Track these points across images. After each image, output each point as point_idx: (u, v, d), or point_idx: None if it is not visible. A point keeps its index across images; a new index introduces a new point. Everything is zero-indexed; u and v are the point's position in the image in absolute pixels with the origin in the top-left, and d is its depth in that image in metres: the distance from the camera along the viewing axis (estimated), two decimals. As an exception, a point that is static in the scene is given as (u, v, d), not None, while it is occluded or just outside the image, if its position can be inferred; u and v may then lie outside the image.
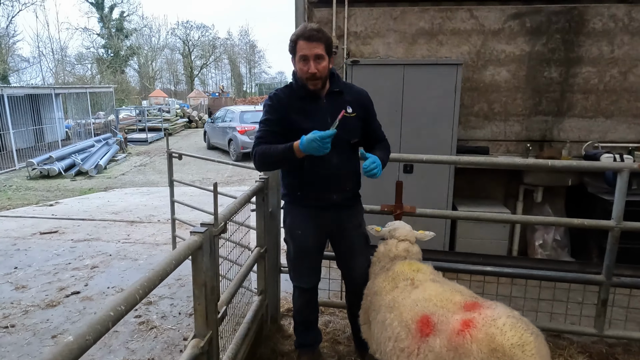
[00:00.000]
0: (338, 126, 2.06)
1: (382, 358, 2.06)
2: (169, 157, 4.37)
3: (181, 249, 1.60)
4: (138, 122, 21.24)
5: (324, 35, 2.19)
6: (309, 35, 2.15)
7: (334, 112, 2.18)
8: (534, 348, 1.56)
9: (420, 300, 1.89)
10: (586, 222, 2.69)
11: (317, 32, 2.16)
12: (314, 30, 2.17)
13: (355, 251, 2.49)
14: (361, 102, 2.38)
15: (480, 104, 4.70)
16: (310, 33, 2.16)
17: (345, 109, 2.26)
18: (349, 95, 2.36)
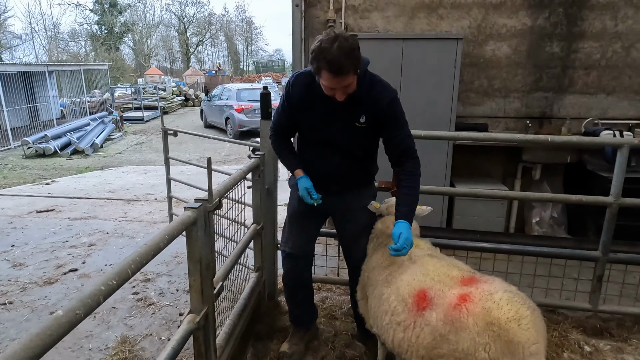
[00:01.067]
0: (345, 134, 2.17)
1: (378, 332, 2.08)
2: (164, 134, 4.31)
3: (174, 224, 1.58)
4: (134, 101, 20.98)
5: (354, 60, 1.87)
6: (337, 70, 1.86)
7: (346, 119, 2.12)
8: (530, 322, 1.56)
9: (418, 274, 1.88)
10: (584, 199, 2.68)
11: (347, 62, 1.84)
12: (342, 60, 1.83)
13: (360, 233, 2.42)
14: (377, 109, 2.10)
15: (479, 80, 4.63)
16: (339, 66, 1.84)
17: (359, 119, 2.13)
18: (367, 100, 2.09)
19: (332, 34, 1.88)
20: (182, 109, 23.50)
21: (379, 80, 2.13)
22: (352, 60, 1.86)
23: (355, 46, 1.88)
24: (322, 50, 1.85)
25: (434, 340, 1.72)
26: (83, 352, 2.81)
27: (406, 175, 2.14)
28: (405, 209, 2.11)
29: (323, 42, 1.87)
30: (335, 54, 1.83)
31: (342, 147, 2.22)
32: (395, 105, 2.11)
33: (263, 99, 3.03)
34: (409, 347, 1.82)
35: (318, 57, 1.88)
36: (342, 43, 1.84)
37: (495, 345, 1.56)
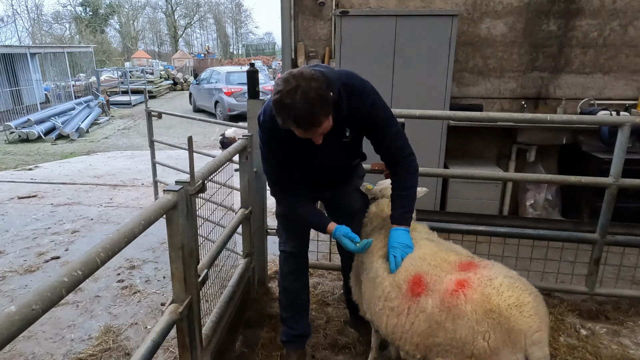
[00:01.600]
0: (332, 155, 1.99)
1: (371, 318, 1.99)
2: (148, 117, 4.13)
3: (152, 209, 1.45)
4: (120, 84, 20.50)
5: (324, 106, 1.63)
6: (307, 125, 1.64)
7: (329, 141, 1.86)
8: (532, 309, 1.47)
9: (415, 258, 1.78)
10: (583, 180, 2.60)
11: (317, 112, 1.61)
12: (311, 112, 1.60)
13: (354, 215, 2.29)
14: (359, 119, 1.90)
15: (474, 60, 4.50)
16: (308, 120, 1.62)
17: (344, 134, 1.95)
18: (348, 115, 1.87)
19: (291, 81, 1.61)
20: (170, 93, 23.05)
21: (352, 87, 1.85)
22: (322, 107, 1.62)
23: (322, 88, 1.61)
24: (284, 106, 1.61)
25: (430, 327, 1.64)
26: (64, 342, 2.70)
27: (399, 176, 1.99)
28: (398, 212, 1.96)
29: (283, 96, 1.60)
30: (300, 108, 1.58)
31: (330, 165, 2.07)
32: (376, 108, 1.89)
33: (250, 77, 2.88)
34: (402, 333, 1.74)
35: (282, 114, 1.64)
36: (306, 92, 1.58)
37: (495, 333, 1.47)
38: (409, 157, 1.97)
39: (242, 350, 2.58)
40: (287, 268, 2.37)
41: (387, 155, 2.00)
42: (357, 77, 1.90)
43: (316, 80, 1.62)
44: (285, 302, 2.42)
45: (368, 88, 1.89)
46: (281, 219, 2.34)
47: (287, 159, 1.98)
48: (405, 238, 1.89)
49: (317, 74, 1.65)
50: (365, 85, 1.88)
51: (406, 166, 1.96)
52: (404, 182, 1.97)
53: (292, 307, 2.41)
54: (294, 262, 2.36)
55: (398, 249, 1.86)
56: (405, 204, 1.96)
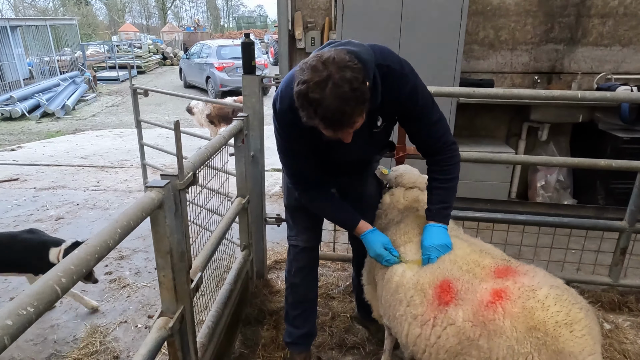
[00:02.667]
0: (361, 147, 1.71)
1: (389, 324, 1.77)
2: (133, 94, 3.80)
3: (131, 212, 1.19)
4: (108, 59, 19.76)
5: (359, 101, 1.34)
6: (338, 125, 1.37)
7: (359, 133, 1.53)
8: (585, 327, 1.24)
9: (444, 261, 1.55)
10: (614, 164, 2.36)
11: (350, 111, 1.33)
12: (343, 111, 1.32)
13: (368, 202, 2.06)
14: (394, 107, 1.64)
15: (485, 31, 4.19)
16: (339, 121, 1.35)
17: (375, 124, 1.68)
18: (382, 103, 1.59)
19: (320, 68, 1.31)
20: (160, 68, 22.33)
21: (387, 68, 1.55)
22: (357, 104, 1.34)
23: (359, 79, 1.32)
24: (310, 102, 1.32)
25: (460, 344, 1.41)
26: (47, 345, 2.48)
27: (440, 166, 1.72)
28: (437, 207, 1.71)
29: (310, 87, 1.31)
30: (331, 105, 1.30)
31: (356, 157, 1.82)
32: (416, 94, 1.60)
33: (245, 49, 2.57)
34: (427, 347, 1.52)
35: (307, 110, 1.35)
36: (339, 85, 1.29)
37: (540, 356, 1.25)
38: (452, 146, 1.70)
39: (241, 351, 2.38)
40: (297, 264, 2.13)
41: (425, 145, 1.74)
42: (392, 56, 1.58)
43: (351, 69, 1.32)
44: (292, 299, 2.19)
45: (406, 69, 1.59)
46: (291, 211, 2.09)
47: (308, 152, 1.70)
48: (443, 237, 1.64)
49: (352, 60, 1.34)
50: (403, 66, 1.58)
51: (449, 155, 1.70)
52: (446, 173, 1.71)
53: (300, 304, 2.19)
54: (305, 257, 2.13)
55: (434, 250, 1.61)
56: (445, 198, 1.71)
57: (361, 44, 1.50)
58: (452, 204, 1.74)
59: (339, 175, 1.93)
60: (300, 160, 1.74)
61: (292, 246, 2.14)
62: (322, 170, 1.80)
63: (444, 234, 1.65)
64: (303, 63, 1.37)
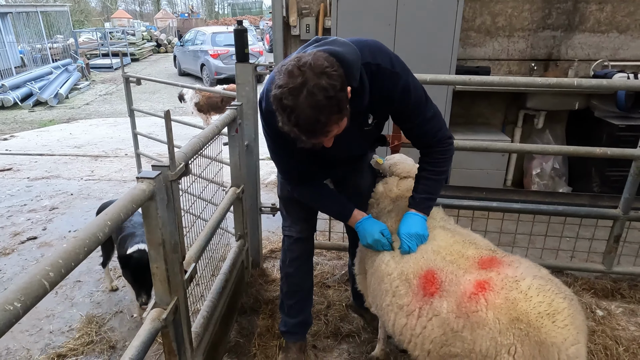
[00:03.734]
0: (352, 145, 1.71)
1: (377, 313, 1.78)
2: (126, 82, 3.75)
3: (121, 204, 1.17)
4: (100, 47, 19.48)
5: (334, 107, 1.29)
6: (313, 133, 1.32)
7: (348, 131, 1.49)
8: (567, 317, 1.24)
9: (427, 251, 1.55)
10: (609, 152, 2.35)
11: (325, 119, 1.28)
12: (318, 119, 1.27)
13: (364, 192, 2.05)
14: (386, 105, 1.60)
15: (482, 17, 4.14)
16: (313, 129, 1.30)
17: (366, 122, 1.66)
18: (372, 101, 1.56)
19: (295, 73, 1.26)
20: (154, 56, 22.03)
21: (377, 67, 1.50)
22: (332, 113, 1.28)
23: (335, 87, 1.26)
24: (284, 107, 1.28)
25: (444, 335, 1.41)
26: (42, 335, 2.47)
27: (432, 157, 1.71)
28: (421, 196, 1.70)
29: (284, 94, 1.27)
30: (302, 115, 1.26)
31: (353, 155, 1.84)
32: (409, 92, 1.55)
33: (238, 37, 2.53)
34: (412, 337, 1.52)
35: (281, 115, 1.31)
36: (313, 93, 1.24)
37: (523, 347, 1.24)
38: (448, 140, 1.68)
39: (237, 340, 2.39)
40: (292, 254, 2.13)
41: (421, 141, 1.72)
42: (382, 53, 1.53)
43: (328, 75, 1.27)
44: (287, 289, 2.19)
45: (397, 67, 1.54)
46: (284, 202, 2.07)
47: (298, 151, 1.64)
48: (421, 227, 1.65)
49: (332, 65, 1.29)
50: (393, 64, 1.53)
51: (443, 150, 1.68)
52: (437, 165, 1.70)
53: (295, 294, 2.19)
54: (299, 248, 2.12)
55: (408, 238, 1.62)
56: (432, 189, 1.70)
57: (347, 43, 1.44)
58: (437, 197, 1.74)
59: (332, 168, 1.92)
60: (290, 158, 1.72)
61: (286, 237, 2.13)
62: (315, 164, 1.78)
63: (422, 224, 1.66)
64: (282, 65, 1.33)
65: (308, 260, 2.19)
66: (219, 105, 6.55)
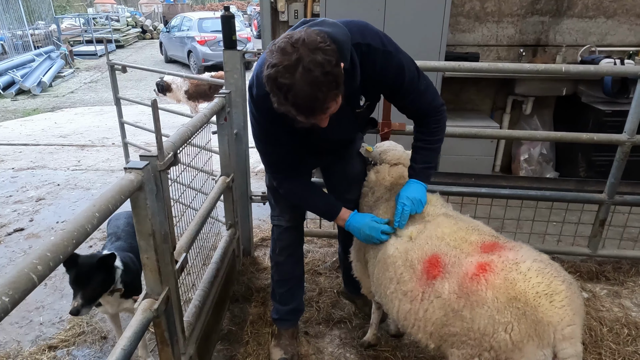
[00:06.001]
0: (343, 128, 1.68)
1: (381, 301, 1.80)
2: (111, 70, 3.68)
3: (110, 195, 1.15)
4: (84, 33, 19.02)
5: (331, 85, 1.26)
6: (310, 112, 1.29)
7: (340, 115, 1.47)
8: (565, 299, 1.27)
9: (432, 237, 1.56)
10: (596, 137, 2.39)
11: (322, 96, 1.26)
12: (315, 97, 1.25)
13: (353, 180, 2.04)
14: (379, 86, 1.60)
15: (471, 3, 4.12)
16: (311, 107, 1.28)
17: (357, 104, 1.63)
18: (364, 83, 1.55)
19: (289, 51, 1.23)
20: (139, 42, 21.59)
21: (367, 47, 1.48)
22: (330, 89, 1.26)
23: (331, 62, 1.25)
24: (280, 87, 1.25)
25: (445, 315, 1.44)
26: (32, 327, 2.46)
27: (427, 127, 1.73)
28: (420, 166, 1.73)
29: (279, 72, 1.23)
30: (301, 93, 1.23)
31: (338, 138, 1.79)
32: (402, 69, 1.53)
33: (225, 23, 2.49)
34: (415, 321, 1.55)
35: (277, 96, 1.28)
36: (310, 69, 1.22)
37: (520, 325, 1.27)
38: (441, 107, 1.71)
39: (229, 328, 2.40)
40: (281, 243, 2.13)
41: (415, 113, 1.73)
42: (372, 32, 1.52)
43: (323, 51, 1.24)
44: (278, 277, 2.20)
45: (389, 46, 1.52)
46: (272, 191, 2.06)
47: (288, 138, 1.65)
48: (420, 192, 1.68)
49: (325, 40, 1.27)
50: (384, 42, 1.52)
51: (438, 118, 1.70)
52: (433, 134, 1.72)
53: (287, 282, 2.20)
54: (288, 236, 2.12)
55: (409, 201, 1.64)
56: (429, 158, 1.74)
57: (336, 24, 1.43)
58: (435, 166, 1.77)
59: (322, 155, 1.91)
60: (280, 147, 1.68)
61: (275, 226, 2.13)
62: (304, 150, 1.77)
63: (423, 191, 1.69)
64: (272, 44, 1.30)
65: (298, 248, 2.19)
66: (208, 93, 6.46)
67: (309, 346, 2.26)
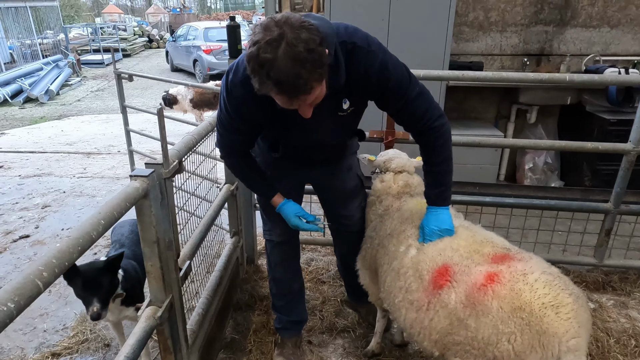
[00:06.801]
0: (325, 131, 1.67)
1: (389, 308, 1.79)
2: (117, 79, 3.72)
3: (115, 202, 1.16)
4: (92, 42, 19.27)
5: (315, 65, 1.22)
6: (292, 91, 1.24)
7: (322, 115, 1.49)
8: (571, 311, 1.26)
9: (447, 249, 1.55)
10: (600, 146, 2.38)
11: (305, 75, 1.21)
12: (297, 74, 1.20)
13: (347, 196, 2.02)
14: (363, 88, 1.54)
15: (475, 12, 4.15)
16: (294, 85, 1.22)
17: (340, 107, 1.58)
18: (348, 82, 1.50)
19: (272, 28, 1.19)
20: (145, 51, 21.83)
21: (353, 46, 1.46)
22: (314, 67, 1.21)
23: (315, 40, 1.21)
24: (262, 63, 1.19)
25: (450, 324, 1.44)
26: (37, 334, 2.46)
27: (428, 148, 1.64)
28: (435, 191, 1.67)
29: (261, 47, 1.19)
30: (284, 69, 1.18)
31: (319, 143, 1.74)
32: (387, 70, 1.49)
33: (230, 32, 2.52)
34: (421, 329, 1.54)
35: (259, 74, 1.22)
36: (293, 44, 1.17)
37: (523, 336, 1.27)
38: (439, 120, 1.58)
39: (232, 336, 2.39)
40: (274, 258, 2.12)
41: (410, 125, 1.65)
42: (358, 32, 1.50)
43: (307, 29, 1.21)
44: (276, 290, 2.20)
45: (373, 46, 1.50)
46: (263, 204, 2.03)
47: (250, 132, 1.64)
48: (446, 221, 1.61)
49: (308, 22, 1.25)
50: (369, 43, 1.50)
51: (436, 134, 1.59)
52: (439, 153, 1.62)
53: (284, 296, 2.19)
54: (280, 252, 2.10)
55: (436, 235, 1.60)
56: (441, 181, 1.65)
57: (322, 17, 1.41)
58: (450, 185, 1.66)
59: (308, 168, 1.88)
60: (238, 136, 1.65)
61: (267, 241, 2.11)
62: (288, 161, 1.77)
63: (447, 217, 1.62)
64: (254, 26, 1.27)
65: (292, 262, 2.16)
66: (212, 102, 6.50)
67: (313, 355, 2.25)
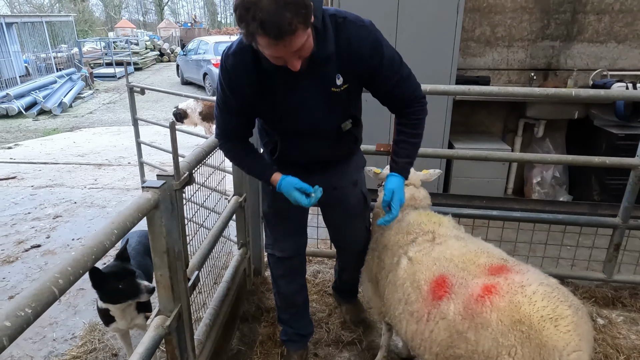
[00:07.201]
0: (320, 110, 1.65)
1: (391, 322, 1.80)
2: (130, 92, 3.80)
3: (128, 213, 1.20)
4: (104, 56, 19.69)
5: (298, 8, 1.26)
6: (277, 32, 1.26)
7: (315, 90, 1.56)
8: (570, 324, 1.25)
9: (441, 259, 1.56)
10: (608, 161, 2.38)
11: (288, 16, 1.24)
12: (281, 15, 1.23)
13: (351, 215, 2.03)
14: (356, 60, 1.55)
15: (482, 28, 4.19)
16: (278, 25, 1.24)
17: (334, 82, 1.58)
18: (339, 52, 1.52)
19: None
20: (157, 65, 22.23)
21: (344, 19, 1.52)
22: (296, 9, 1.24)
23: None
24: (247, 6, 1.24)
25: (450, 337, 1.44)
26: (46, 342, 2.49)
27: (409, 119, 1.73)
28: (403, 161, 1.77)
29: None
30: (267, 8, 1.22)
31: (320, 127, 1.70)
32: (380, 46, 1.55)
33: (241, 48, 2.57)
34: (422, 341, 1.55)
35: (245, 18, 1.26)
36: None
37: (523, 349, 1.26)
38: (423, 99, 1.72)
39: (238, 348, 2.40)
40: (277, 272, 2.12)
41: (398, 103, 1.71)
42: (353, 14, 1.58)
43: None
44: (281, 304, 2.21)
45: (366, 22, 1.57)
46: (267, 218, 2.06)
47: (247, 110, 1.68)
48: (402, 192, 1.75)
49: None
50: (362, 20, 1.56)
51: (419, 110, 1.71)
52: (414, 127, 1.73)
53: (289, 308, 2.21)
54: (283, 267, 2.10)
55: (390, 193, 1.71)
56: (411, 153, 1.78)
57: None
58: (414, 157, 1.80)
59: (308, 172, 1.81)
60: (232, 117, 1.69)
61: (269, 255, 2.11)
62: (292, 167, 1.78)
63: (401, 186, 1.75)
64: None
65: (296, 277, 2.16)
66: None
67: (318, 368, 2.25)
